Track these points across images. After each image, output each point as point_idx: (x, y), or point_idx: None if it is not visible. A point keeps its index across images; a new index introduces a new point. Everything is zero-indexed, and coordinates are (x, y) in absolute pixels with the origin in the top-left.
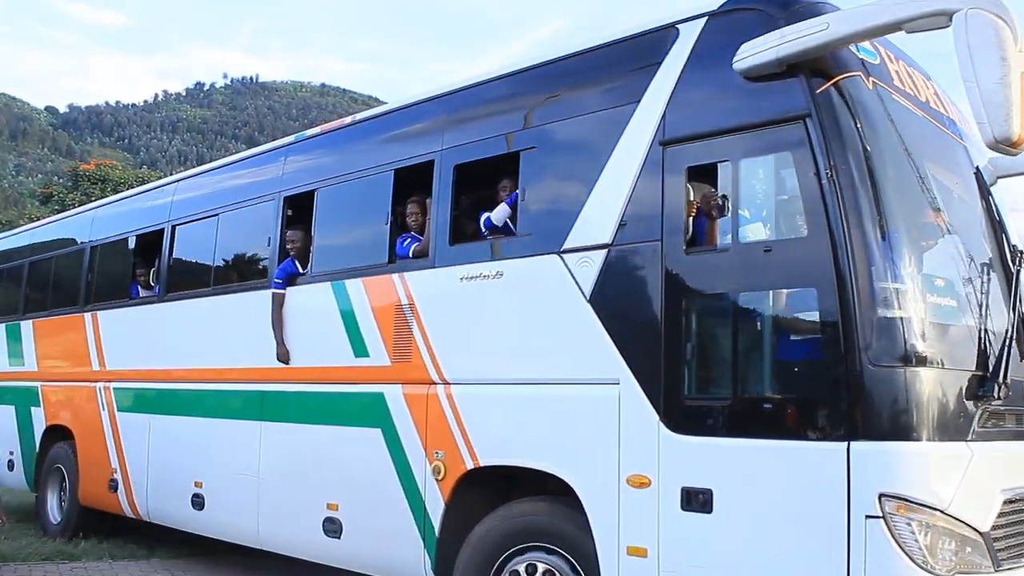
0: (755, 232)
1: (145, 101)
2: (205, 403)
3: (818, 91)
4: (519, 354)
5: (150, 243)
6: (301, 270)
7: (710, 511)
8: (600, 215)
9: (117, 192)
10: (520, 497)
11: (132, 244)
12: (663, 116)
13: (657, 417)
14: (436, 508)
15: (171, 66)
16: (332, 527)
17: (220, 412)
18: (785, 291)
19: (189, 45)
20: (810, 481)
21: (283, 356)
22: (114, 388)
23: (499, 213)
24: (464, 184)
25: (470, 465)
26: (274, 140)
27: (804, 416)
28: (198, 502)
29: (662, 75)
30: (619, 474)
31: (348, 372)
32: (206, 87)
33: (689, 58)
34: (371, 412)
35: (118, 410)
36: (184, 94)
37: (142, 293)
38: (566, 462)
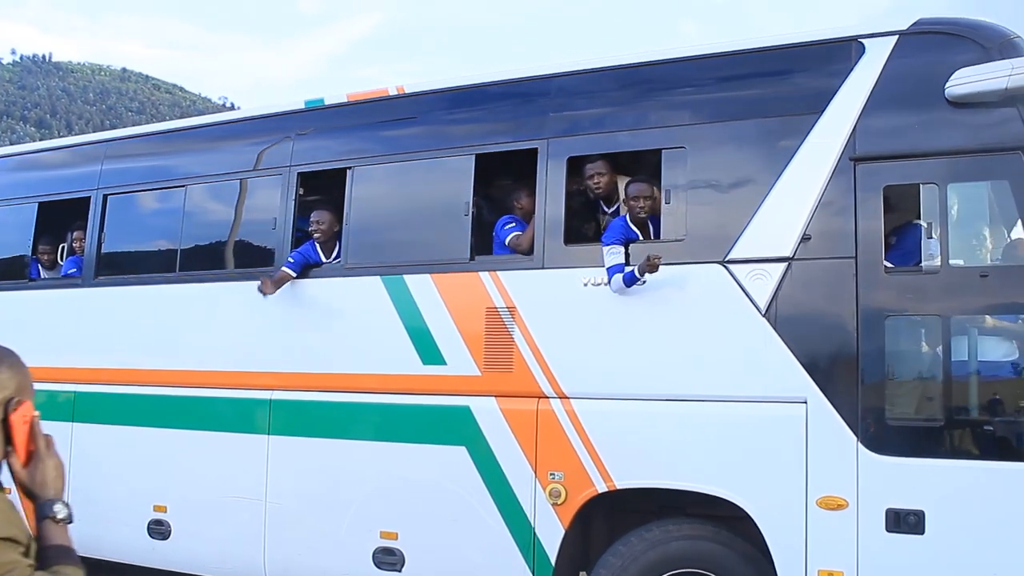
0: (968, 256)
1: None
2: (174, 411)
3: None
4: (671, 368)
5: (59, 214)
6: (324, 259)
7: (922, 532)
8: (777, 227)
9: None
10: (639, 521)
11: (31, 214)
12: (853, 131)
13: (855, 438)
14: (552, 535)
15: None
16: (389, 559)
17: (200, 423)
18: (1006, 317)
19: None
20: None
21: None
22: None
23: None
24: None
25: (602, 488)
26: (68, 125)
27: None
28: (160, 530)
29: (849, 89)
30: (807, 496)
31: (413, 381)
32: None
33: (882, 74)
34: (452, 428)
35: None
36: None
37: (43, 274)
38: (738, 484)
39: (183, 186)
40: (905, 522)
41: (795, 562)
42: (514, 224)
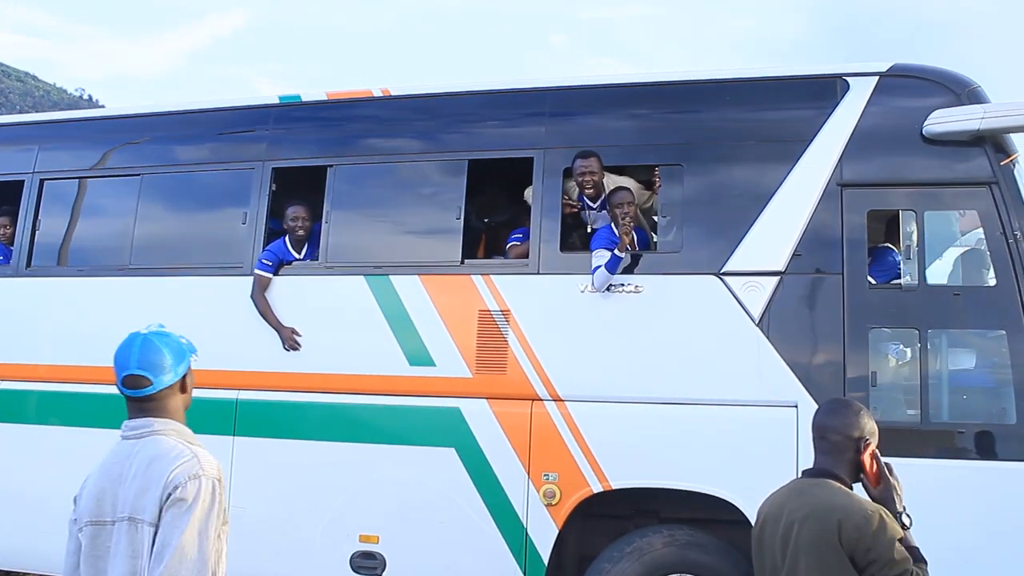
0: (943, 276)
1: None
2: (120, 411)
3: (1002, 164)
4: (668, 373)
5: None
6: (297, 256)
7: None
8: (770, 242)
9: None
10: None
11: None
12: (840, 159)
13: None
14: (545, 536)
15: None
16: (369, 563)
17: None
18: (974, 331)
19: None
20: (1009, 498)
21: (291, 340)
22: None
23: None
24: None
25: (597, 488)
26: None
27: (1001, 441)
28: None
29: (837, 120)
30: None
31: (399, 383)
32: None
33: (865, 109)
34: (441, 429)
35: None
36: None
37: None
38: (733, 484)
39: (138, 175)
40: None
41: None
42: (520, 236)
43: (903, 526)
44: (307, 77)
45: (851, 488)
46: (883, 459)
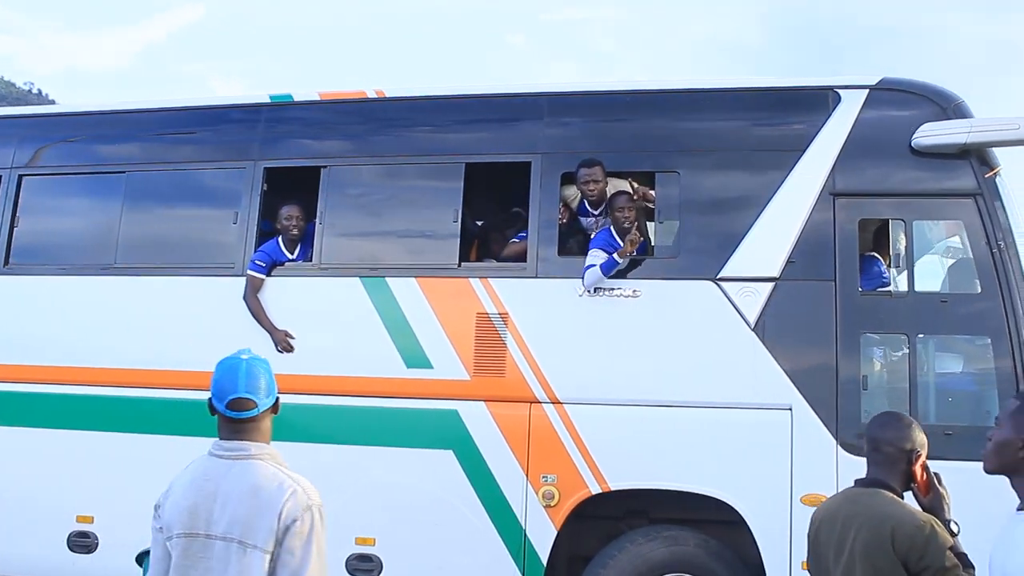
0: (930, 284)
1: None
2: (103, 413)
3: (986, 176)
4: (663, 376)
5: None
6: (290, 256)
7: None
8: (765, 249)
9: None
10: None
11: None
12: (832, 169)
13: (835, 441)
14: (543, 537)
15: None
16: (365, 565)
17: (139, 425)
18: (961, 336)
19: None
20: (994, 497)
21: (284, 343)
22: None
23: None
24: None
25: (596, 489)
26: None
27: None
28: (84, 543)
29: (829, 132)
30: (792, 495)
31: (396, 385)
32: None
33: (856, 121)
34: (438, 431)
35: None
36: None
37: None
38: (729, 485)
39: (123, 172)
40: None
41: (781, 557)
42: (524, 237)
43: (952, 534)
44: (262, 75)
45: (902, 497)
46: (932, 469)
